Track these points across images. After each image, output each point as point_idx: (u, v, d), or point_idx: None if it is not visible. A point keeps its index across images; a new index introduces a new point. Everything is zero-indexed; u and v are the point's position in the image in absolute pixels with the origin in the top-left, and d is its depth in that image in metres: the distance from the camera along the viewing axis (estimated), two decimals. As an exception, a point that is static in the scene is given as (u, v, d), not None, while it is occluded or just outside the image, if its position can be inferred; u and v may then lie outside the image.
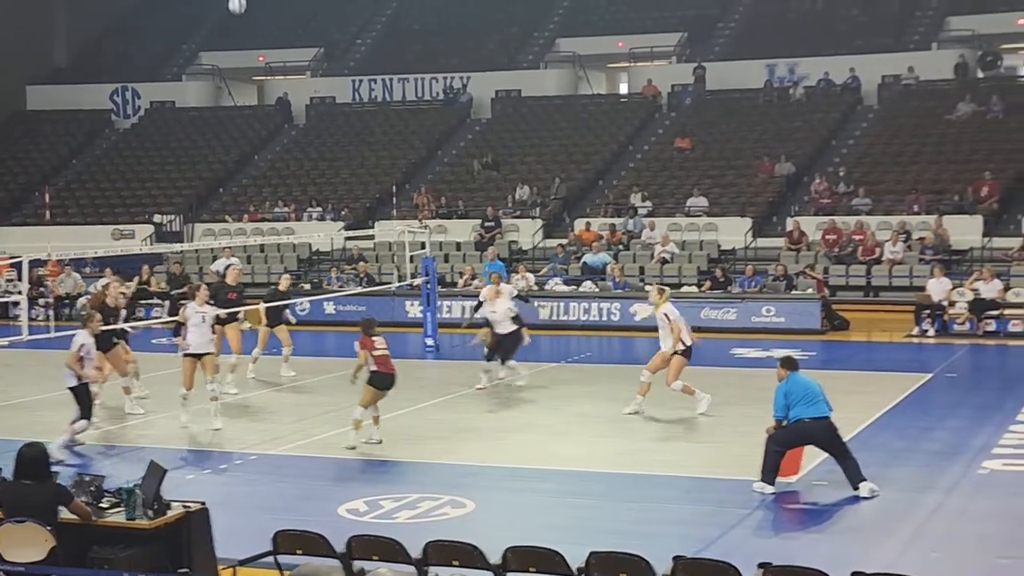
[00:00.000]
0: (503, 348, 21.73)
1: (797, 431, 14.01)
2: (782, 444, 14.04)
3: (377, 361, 16.61)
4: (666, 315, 18.89)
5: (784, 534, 13.17)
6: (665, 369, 18.93)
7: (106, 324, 18.37)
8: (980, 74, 41.40)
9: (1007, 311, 28.06)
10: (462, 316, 27.83)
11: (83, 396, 16.58)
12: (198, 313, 18.58)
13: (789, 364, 14.33)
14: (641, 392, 18.95)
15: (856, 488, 13.84)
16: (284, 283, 24.28)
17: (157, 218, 40.95)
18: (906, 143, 37.98)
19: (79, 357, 16.46)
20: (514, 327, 21.80)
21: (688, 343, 18.95)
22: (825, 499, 13.93)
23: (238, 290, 22.72)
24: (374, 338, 16.64)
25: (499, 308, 21.83)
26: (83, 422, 16.64)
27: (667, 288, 20.21)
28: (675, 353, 18.87)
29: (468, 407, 20.01)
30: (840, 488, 14.05)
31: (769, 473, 13.98)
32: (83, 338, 16.64)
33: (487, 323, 22.14)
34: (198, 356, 18.40)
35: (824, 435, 14.05)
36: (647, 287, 22.62)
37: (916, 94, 40.60)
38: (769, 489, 13.94)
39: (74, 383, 16.49)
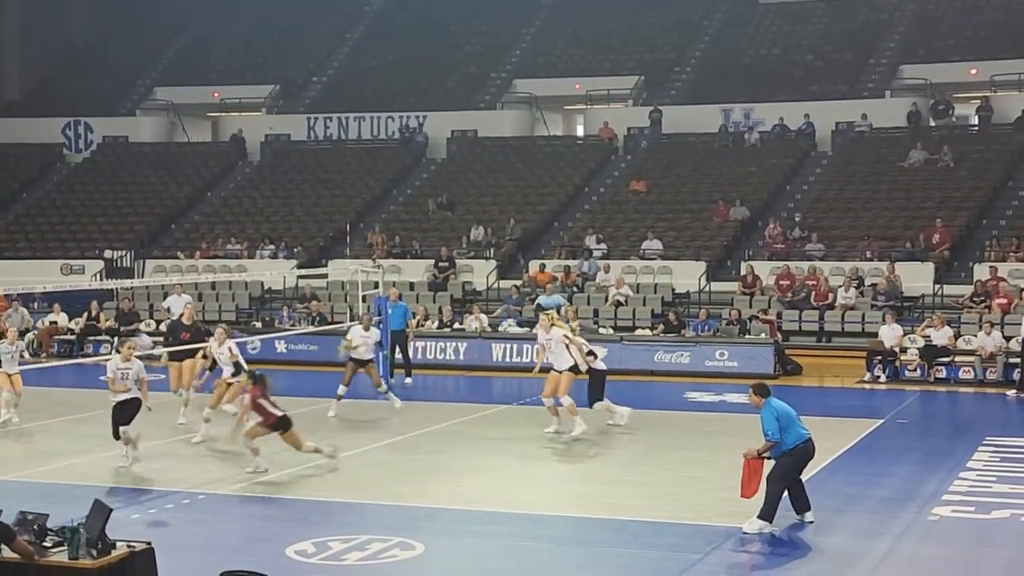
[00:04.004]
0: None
1: (795, 459, 14.27)
2: (785, 479, 14.23)
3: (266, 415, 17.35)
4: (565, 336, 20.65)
5: (735, 580, 13.13)
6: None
7: None
8: (932, 122, 41.80)
9: (958, 358, 28.19)
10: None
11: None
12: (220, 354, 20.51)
13: (764, 391, 14.54)
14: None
15: (801, 516, 14.40)
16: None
17: (108, 253, 40.57)
18: (859, 189, 38.24)
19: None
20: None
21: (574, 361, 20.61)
22: (777, 545, 13.89)
23: (192, 330, 22.91)
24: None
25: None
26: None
27: (552, 313, 21.81)
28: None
29: (420, 448, 19.87)
30: (792, 534, 14.03)
31: (771, 512, 14.05)
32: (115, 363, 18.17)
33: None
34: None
35: (809, 456, 14.47)
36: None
37: (869, 141, 40.94)
38: (769, 528, 13.98)
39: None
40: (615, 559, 13.36)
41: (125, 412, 17.95)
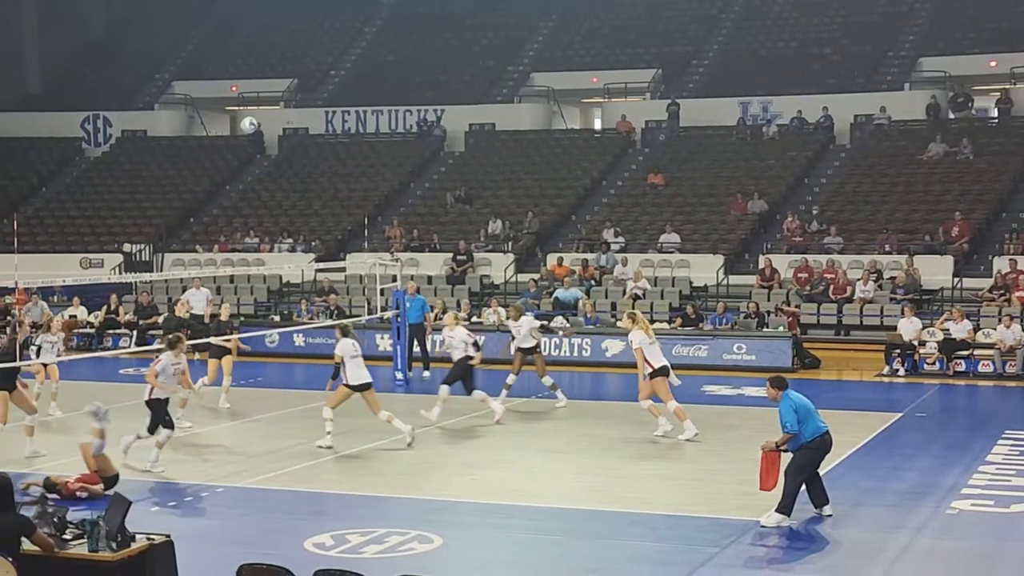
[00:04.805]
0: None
1: (813, 452, 14.30)
2: (803, 472, 14.24)
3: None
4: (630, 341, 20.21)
5: (753, 573, 13.09)
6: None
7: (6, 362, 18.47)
8: (951, 115, 41.64)
9: (977, 351, 28.08)
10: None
11: (159, 409, 17.39)
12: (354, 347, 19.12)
13: (781, 384, 14.61)
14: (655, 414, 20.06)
15: (819, 510, 14.46)
16: (225, 312, 24.31)
17: (127, 247, 40.73)
18: (878, 182, 38.12)
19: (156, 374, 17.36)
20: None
21: (656, 365, 19.96)
22: (795, 539, 13.88)
23: (188, 324, 22.91)
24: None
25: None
26: (165, 432, 17.33)
27: (637, 313, 21.32)
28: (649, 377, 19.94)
29: (437, 442, 19.90)
30: (810, 527, 14.02)
31: (789, 506, 14.07)
32: (167, 359, 17.50)
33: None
34: (358, 388, 18.83)
35: (827, 450, 14.48)
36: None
37: (888, 134, 40.79)
38: (787, 521, 14.00)
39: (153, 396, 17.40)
40: (632, 552, 13.36)
41: (163, 410, 17.58)
